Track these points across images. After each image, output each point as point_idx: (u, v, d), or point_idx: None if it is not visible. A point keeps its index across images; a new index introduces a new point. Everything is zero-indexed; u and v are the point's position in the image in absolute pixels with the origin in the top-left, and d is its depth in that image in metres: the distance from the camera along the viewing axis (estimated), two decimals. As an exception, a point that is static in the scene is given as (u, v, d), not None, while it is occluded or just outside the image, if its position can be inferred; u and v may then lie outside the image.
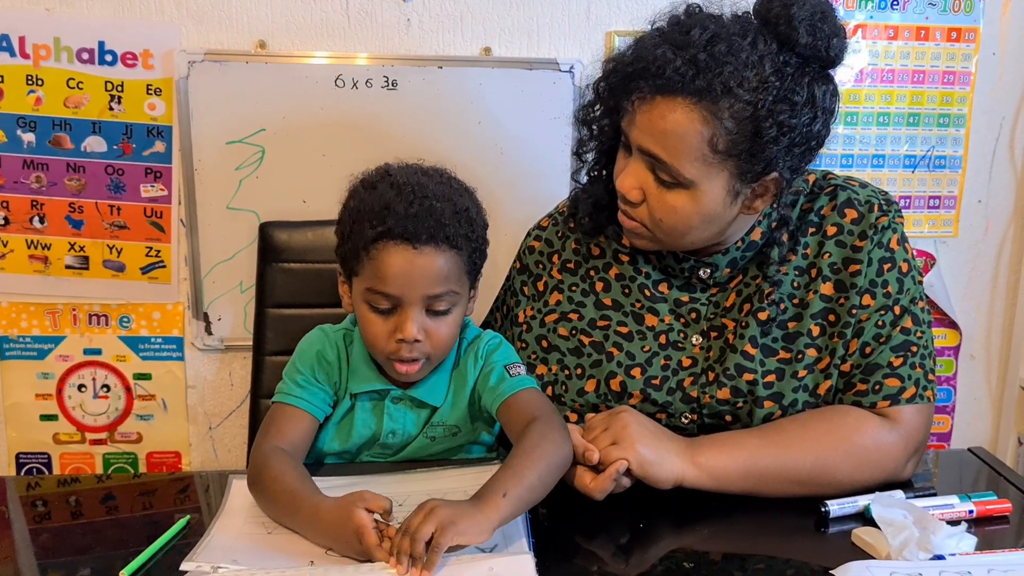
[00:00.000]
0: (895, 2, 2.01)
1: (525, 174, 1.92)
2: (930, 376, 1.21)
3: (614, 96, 1.17)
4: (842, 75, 2.03)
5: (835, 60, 1.14)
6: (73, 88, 1.84)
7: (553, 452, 1.08)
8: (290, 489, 1.07)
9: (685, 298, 1.27)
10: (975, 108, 2.08)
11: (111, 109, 1.85)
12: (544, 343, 1.32)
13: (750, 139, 1.10)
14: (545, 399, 1.22)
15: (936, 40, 2.04)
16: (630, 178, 1.17)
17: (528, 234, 1.42)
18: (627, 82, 1.13)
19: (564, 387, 1.29)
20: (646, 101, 1.12)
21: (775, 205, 1.20)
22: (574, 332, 1.30)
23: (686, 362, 1.25)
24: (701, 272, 1.26)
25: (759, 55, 1.09)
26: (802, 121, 1.11)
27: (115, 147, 1.87)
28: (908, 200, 2.11)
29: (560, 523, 1.09)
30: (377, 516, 0.97)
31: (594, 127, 1.24)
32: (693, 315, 1.26)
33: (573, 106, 1.87)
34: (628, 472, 1.10)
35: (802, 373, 1.21)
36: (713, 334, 1.25)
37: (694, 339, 1.26)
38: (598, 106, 1.22)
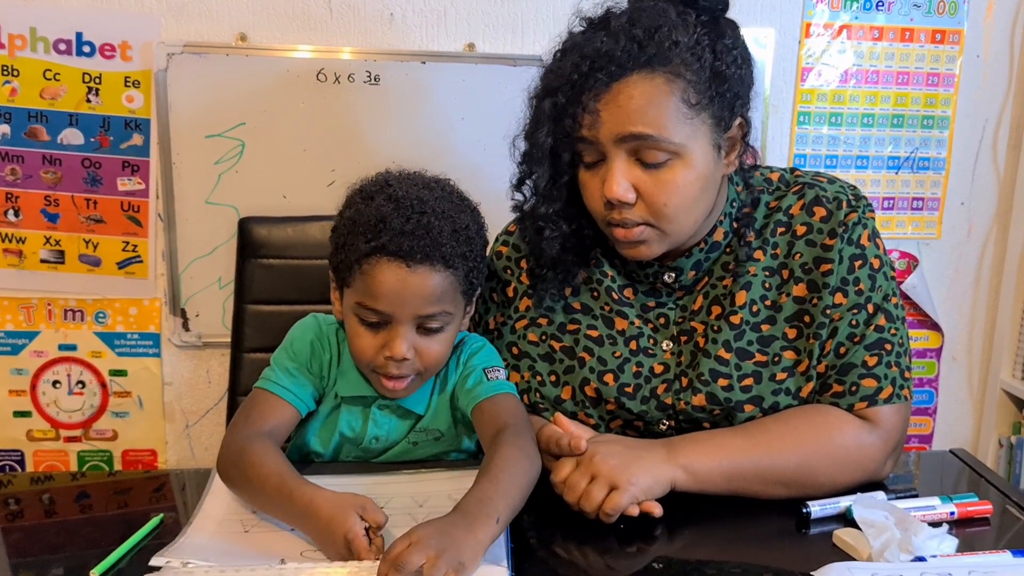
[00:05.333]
0: (880, 3, 2.01)
1: (508, 171, 1.90)
2: (906, 374, 1.21)
3: (563, 112, 1.14)
4: (827, 75, 2.03)
5: (727, 6, 1.17)
6: (50, 79, 1.81)
7: (530, 468, 1.06)
8: (278, 474, 1.04)
9: (652, 303, 1.26)
10: (959, 110, 2.09)
11: (88, 101, 1.83)
12: (515, 350, 1.31)
13: (714, 82, 1.11)
14: (519, 406, 1.20)
15: (920, 42, 2.04)
16: (617, 178, 1.13)
17: (496, 239, 1.38)
18: (575, 86, 1.12)
19: (539, 394, 1.27)
20: (603, 94, 1.10)
21: (738, 187, 1.22)
22: (544, 337, 1.29)
23: (658, 368, 1.24)
24: (666, 277, 1.25)
25: (677, 13, 1.12)
26: (741, 56, 1.15)
27: (92, 140, 1.85)
28: (891, 201, 2.11)
29: (536, 527, 1.08)
30: (367, 526, 0.96)
31: (547, 158, 1.19)
32: (662, 320, 1.25)
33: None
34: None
35: (781, 376, 1.20)
36: (683, 339, 1.24)
37: (664, 344, 1.25)
38: (547, 135, 1.17)
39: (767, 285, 1.22)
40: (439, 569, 0.87)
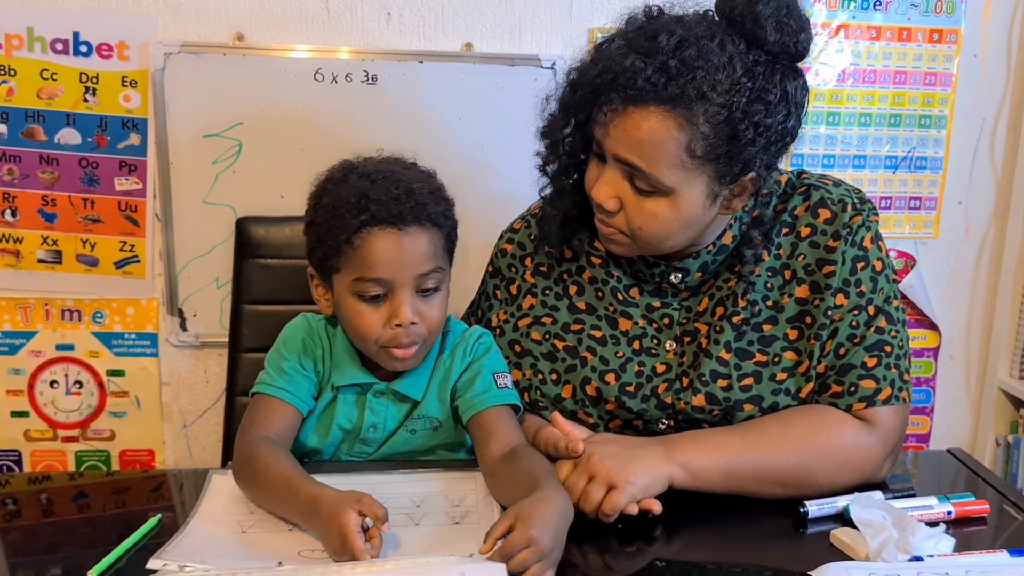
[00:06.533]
0: (877, 2, 2.01)
1: (505, 171, 1.91)
2: (905, 376, 1.21)
3: (582, 108, 1.14)
4: (824, 75, 2.03)
5: (803, 54, 1.13)
6: (47, 79, 1.81)
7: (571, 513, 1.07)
8: (285, 475, 1.05)
9: (657, 303, 1.26)
10: (956, 110, 2.09)
11: (85, 101, 1.83)
12: (517, 348, 1.31)
13: (727, 142, 1.08)
14: (519, 427, 1.22)
15: (918, 41, 2.04)
16: (606, 187, 1.15)
17: (500, 237, 1.40)
18: (596, 94, 1.11)
19: (539, 392, 1.28)
20: (618, 112, 1.09)
21: (746, 207, 1.20)
22: (547, 336, 1.29)
23: (660, 368, 1.24)
24: (672, 277, 1.25)
25: (728, 56, 1.07)
26: (777, 119, 1.10)
27: (89, 139, 1.84)
28: (889, 201, 2.11)
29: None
30: (368, 521, 0.96)
31: (560, 140, 1.21)
32: (666, 320, 1.25)
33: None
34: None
35: (781, 376, 1.20)
36: (687, 339, 1.24)
37: (667, 345, 1.25)
38: (564, 120, 1.19)
39: (769, 285, 1.22)
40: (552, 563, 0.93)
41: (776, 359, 1.21)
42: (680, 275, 1.24)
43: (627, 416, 1.24)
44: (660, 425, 1.23)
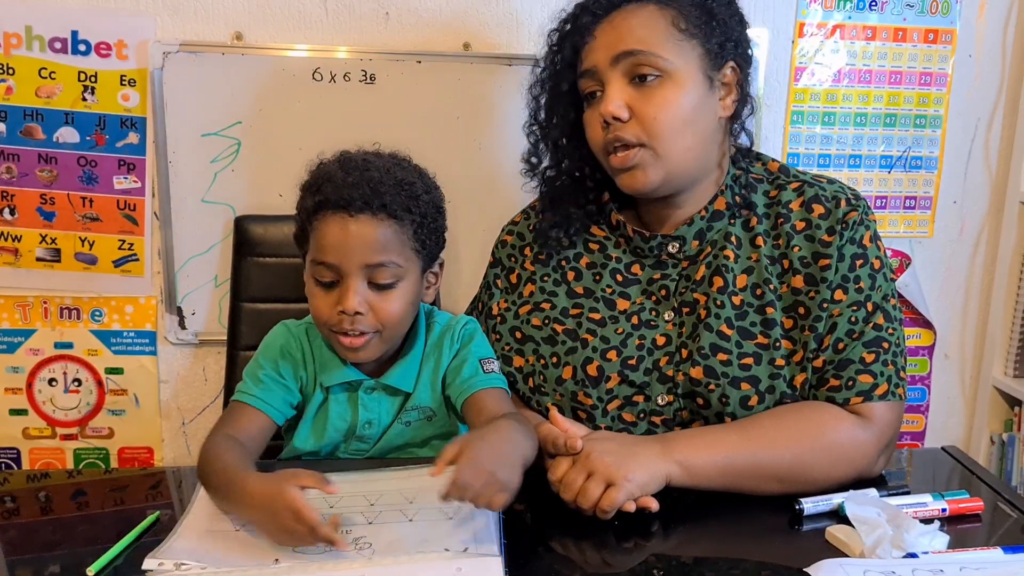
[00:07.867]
0: (873, 3, 2.02)
1: (503, 170, 1.91)
2: (901, 373, 1.23)
3: (566, 39, 1.27)
4: (820, 75, 2.04)
5: None
6: (45, 78, 1.81)
7: (526, 440, 1.08)
8: (222, 467, 1.05)
9: (657, 275, 1.30)
10: (951, 109, 2.10)
11: (84, 100, 1.83)
12: (518, 334, 1.32)
13: (706, 16, 1.22)
14: (511, 402, 1.24)
15: (913, 41, 2.05)
16: (613, 99, 1.21)
17: (502, 230, 1.44)
18: (578, 19, 1.25)
19: (542, 376, 1.29)
20: (601, 21, 1.23)
21: (736, 156, 1.30)
22: (547, 321, 1.31)
23: (660, 340, 1.26)
24: (670, 247, 1.28)
25: None
26: (735, 10, 1.27)
27: (88, 138, 1.85)
28: (884, 200, 2.12)
29: (531, 523, 1.09)
30: (313, 494, 0.95)
31: (558, 82, 1.30)
32: (663, 292, 1.28)
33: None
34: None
35: (779, 362, 1.22)
36: (685, 310, 1.26)
37: (666, 315, 1.27)
38: (557, 54, 1.30)
39: (768, 272, 1.24)
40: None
41: (776, 344, 1.22)
42: (677, 244, 1.28)
43: (629, 391, 1.25)
44: (660, 400, 1.24)
